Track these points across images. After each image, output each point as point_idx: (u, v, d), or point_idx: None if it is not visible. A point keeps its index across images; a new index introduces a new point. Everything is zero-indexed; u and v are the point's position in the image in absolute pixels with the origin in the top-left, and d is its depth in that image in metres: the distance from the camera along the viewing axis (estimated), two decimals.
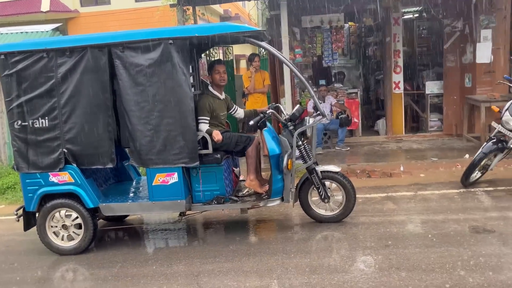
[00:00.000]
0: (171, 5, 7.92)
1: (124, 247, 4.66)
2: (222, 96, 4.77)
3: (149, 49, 4.09)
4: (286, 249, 4.16)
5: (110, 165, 4.34)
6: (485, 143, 5.53)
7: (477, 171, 5.55)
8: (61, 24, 13.45)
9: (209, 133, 4.41)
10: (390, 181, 6.33)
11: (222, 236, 4.82)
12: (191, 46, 4.42)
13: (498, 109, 5.59)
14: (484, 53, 7.59)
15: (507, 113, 5.29)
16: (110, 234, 5.21)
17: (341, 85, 9.26)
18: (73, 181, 4.33)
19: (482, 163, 5.45)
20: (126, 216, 5.51)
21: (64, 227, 4.47)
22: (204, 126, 4.47)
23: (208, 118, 4.53)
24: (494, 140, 5.42)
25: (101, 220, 5.26)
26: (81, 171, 4.34)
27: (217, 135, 4.38)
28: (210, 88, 4.70)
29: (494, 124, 5.52)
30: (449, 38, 8.37)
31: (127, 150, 5.10)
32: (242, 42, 4.50)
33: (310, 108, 7.78)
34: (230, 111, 4.97)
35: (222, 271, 3.82)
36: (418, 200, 5.33)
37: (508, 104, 5.40)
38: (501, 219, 4.48)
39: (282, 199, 4.47)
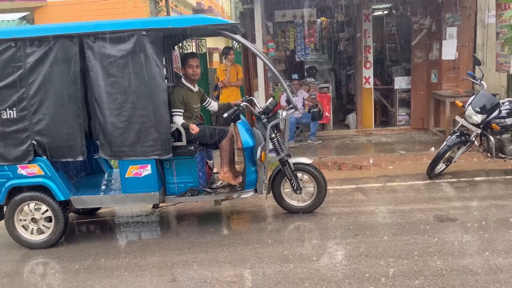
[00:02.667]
0: None
1: (96, 240, 4.62)
2: (196, 88, 4.78)
3: (122, 40, 4.04)
4: (259, 239, 4.24)
5: (80, 158, 4.28)
6: (449, 136, 5.79)
7: (441, 163, 5.79)
8: (28, 13, 12.98)
9: (185, 126, 4.42)
10: (360, 173, 6.52)
11: (196, 227, 4.85)
12: (164, 38, 4.40)
13: (461, 104, 5.85)
14: (449, 50, 7.88)
15: (469, 107, 5.54)
16: (82, 228, 5.14)
17: (313, 80, 9.41)
18: (43, 173, 4.25)
19: (446, 155, 5.70)
20: (98, 209, 5.45)
21: (34, 220, 4.39)
22: (179, 119, 4.47)
23: (182, 111, 4.53)
24: (458, 133, 5.68)
25: (72, 214, 5.20)
26: (51, 163, 4.27)
27: (195, 128, 4.39)
28: (183, 80, 4.69)
29: (457, 118, 5.77)
30: (417, 35, 8.65)
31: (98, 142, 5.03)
32: (216, 35, 4.52)
33: (283, 102, 7.87)
34: (203, 104, 4.99)
35: (196, 261, 3.86)
36: (386, 191, 5.53)
37: (470, 99, 5.65)
38: (463, 208, 4.71)
39: (256, 191, 4.54)
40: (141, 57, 4.05)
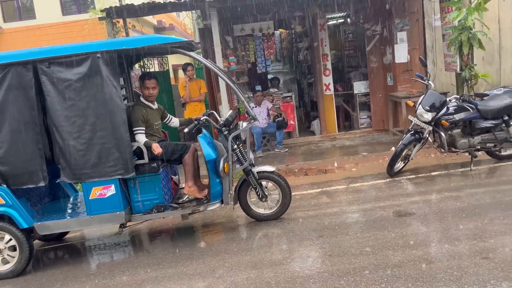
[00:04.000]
0: (100, 18, 7.85)
1: (64, 265, 4.58)
2: (155, 106, 4.85)
3: (76, 63, 4.09)
4: (228, 249, 4.32)
5: (42, 184, 4.26)
6: (405, 135, 6.07)
7: (400, 162, 6.06)
8: None
9: (148, 145, 4.47)
10: (325, 177, 6.71)
11: (166, 243, 4.88)
12: (121, 58, 4.47)
13: (413, 104, 6.16)
14: (401, 53, 8.28)
15: (420, 107, 5.84)
16: (49, 254, 5.08)
17: (276, 90, 9.64)
18: (4, 202, 4.20)
19: (403, 153, 5.97)
20: (65, 234, 5.40)
21: None
22: (141, 137, 4.52)
23: (144, 129, 4.59)
24: (412, 132, 5.97)
25: (39, 242, 5.12)
26: (12, 191, 4.23)
27: (157, 148, 4.45)
28: (142, 99, 4.76)
29: (410, 117, 6.07)
30: (370, 41, 9.03)
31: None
32: (172, 53, 4.63)
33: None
34: (164, 121, 5.06)
35: (166, 276, 3.90)
36: (349, 192, 5.73)
37: (420, 99, 5.97)
38: (421, 203, 4.96)
39: (222, 202, 4.64)
40: (97, 79, 4.10)
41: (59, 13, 13.23)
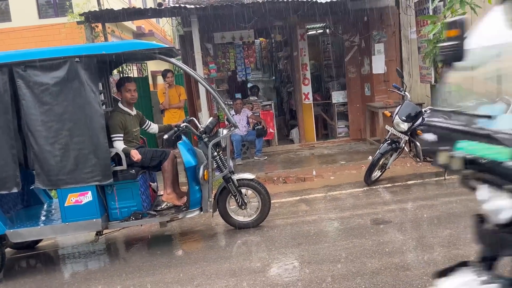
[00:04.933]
0: (78, 22, 7.74)
1: (37, 274, 4.44)
2: (133, 112, 4.80)
3: (54, 67, 4.02)
4: (206, 257, 4.29)
5: (15, 190, 4.15)
6: (381, 144, 6.20)
7: (377, 170, 6.17)
8: None
9: (127, 151, 4.41)
10: (304, 185, 6.76)
11: (144, 252, 4.80)
12: (100, 64, 4.42)
13: (390, 114, 6.30)
14: (378, 64, 8.47)
15: (396, 117, 5.98)
16: (21, 263, 4.92)
17: (256, 98, 9.68)
18: None
19: (380, 162, 6.09)
20: (38, 242, 5.24)
21: None
22: (119, 144, 4.46)
23: (122, 135, 4.53)
24: (389, 141, 6.10)
25: (11, 250, 4.96)
26: None
27: (136, 155, 4.40)
28: (120, 105, 4.71)
29: (387, 127, 6.20)
30: (349, 51, 9.21)
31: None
32: (152, 59, 4.61)
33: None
34: (143, 127, 5.01)
35: (143, 285, 3.84)
36: (328, 200, 5.79)
37: (397, 109, 6.12)
38: (397, 211, 5.05)
39: (201, 210, 4.61)
40: (75, 83, 4.04)
41: (36, 16, 12.96)
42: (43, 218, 4.61)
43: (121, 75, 8.56)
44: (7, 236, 4.21)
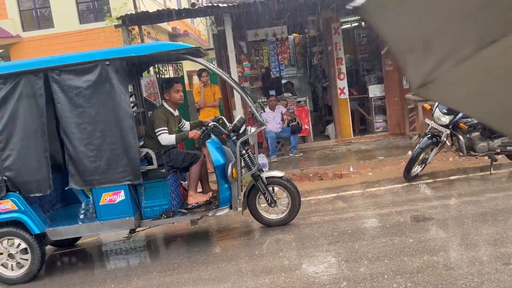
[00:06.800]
0: (116, 26, 7.97)
1: (80, 270, 4.62)
2: (176, 113, 4.88)
3: (86, 71, 4.15)
4: (242, 255, 4.30)
5: (47, 192, 4.30)
6: (421, 138, 5.97)
7: (417, 166, 5.96)
8: (2, 50, 13.04)
9: (184, 137, 4.55)
10: (341, 182, 6.64)
11: (182, 249, 4.89)
12: (130, 66, 4.51)
13: (430, 107, 6.06)
14: None
15: (437, 110, 5.75)
16: (63, 259, 5.13)
17: (290, 94, 9.61)
18: (17, 208, 4.25)
19: (420, 157, 5.87)
20: (77, 240, 5.44)
21: (11, 256, 4.36)
22: (167, 136, 4.52)
23: (167, 129, 4.59)
24: (429, 135, 5.87)
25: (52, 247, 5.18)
26: (25, 197, 4.28)
27: (195, 134, 4.60)
28: (165, 104, 4.78)
29: (427, 121, 5.98)
30: (385, 44, 8.92)
31: None
32: (180, 59, 4.66)
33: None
34: (179, 126, 5.09)
35: (181, 281, 3.90)
36: (366, 197, 5.65)
37: (437, 102, 5.87)
38: (439, 207, 4.86)
39: (231, 208, 4.61)
40: (106, 86, 4.15)
41: (77, 22, 13.50)
42: (80, 216, 4.77)
43: (158, 76, 8.74)
44: (46, 234, 4.39)
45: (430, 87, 1.02)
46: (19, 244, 4.35)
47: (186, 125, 5.19)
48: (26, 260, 4.38)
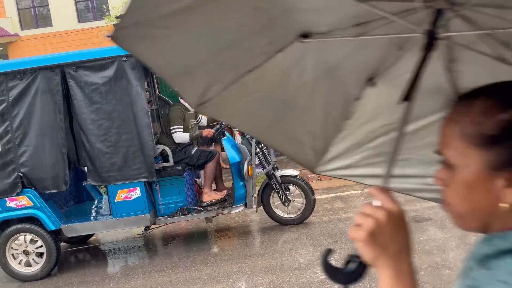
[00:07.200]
0: (115, 25, 7.94)
1: (82, 268, 4.62)
2: (192, 109, 4.88)
3: (103, 67, 4.14)
4: (241, 254, 4.31)
5: (63, 188, 4.29)
6: None
7: None
8: (1, 48, 13.02)
9: (198, 135, 4.60)
10: (340, 182, 6.64)
11: (181, 248, 4.89)
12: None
13: None
14: None
15: None
16: (69, 256, 5.12)
17: None
18: (32, 204, 4.25)
19: None
20: (89, 237, 5.44)
21: (26, 252, 4.36)
22: (182, 134, 4.54)
23: (182, 127, 4.59)
24: None
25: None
26: (40, 194, 4.27)
27: (209, 132, 4.67)
28: (182, 100, 4.77)
29: None
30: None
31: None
32: None
33: None
34: (196, 121, 5.07)
35: (180, 281, 3.91)
36: (364, 197, 5.67)
37: None
38: (438, 208, 4.85)
39: (246, 205, 4.62)
40: (122, 82, 4.14)
41: (75, 21, 13.48)
42: (94, 213, 4.77)
43: None
44: (62, 230, 4.38)
45: (207, 105, 1.19)
46: (36, 241, 4.34)
47: (203, 120, 5.17)
48: (41, 257, 4.36)
